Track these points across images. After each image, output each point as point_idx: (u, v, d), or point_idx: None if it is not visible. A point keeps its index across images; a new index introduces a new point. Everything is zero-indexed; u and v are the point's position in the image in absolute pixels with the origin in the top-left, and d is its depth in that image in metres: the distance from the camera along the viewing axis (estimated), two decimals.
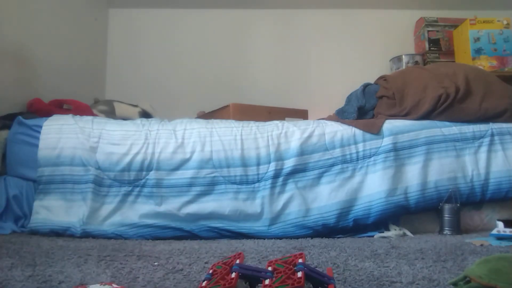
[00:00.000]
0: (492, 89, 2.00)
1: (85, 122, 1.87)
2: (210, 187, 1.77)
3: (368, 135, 1.87)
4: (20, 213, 1.76)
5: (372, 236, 1.71)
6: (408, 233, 1.74)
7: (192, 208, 1.74)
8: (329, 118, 2.07)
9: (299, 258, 0.79)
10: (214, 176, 1.78)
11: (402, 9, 3.43)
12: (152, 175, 1.77)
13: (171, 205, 1.74)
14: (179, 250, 1.35)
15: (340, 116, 2.13)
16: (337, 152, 1.84)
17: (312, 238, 1.67)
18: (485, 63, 2.84)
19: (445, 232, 1.74)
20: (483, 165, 1.86)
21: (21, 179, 1.81)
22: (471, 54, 2.87)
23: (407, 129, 1.89)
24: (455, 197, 1.77)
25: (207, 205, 1.75)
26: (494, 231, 1.56)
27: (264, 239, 1.66)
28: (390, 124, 1.91)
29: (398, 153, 1.84)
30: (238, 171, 1.79)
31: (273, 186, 1.79)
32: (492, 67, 2.83)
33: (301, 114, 2.58)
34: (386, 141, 1.85)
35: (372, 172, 1.82)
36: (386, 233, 1.72)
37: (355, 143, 1.85)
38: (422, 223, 1.84)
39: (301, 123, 1.93)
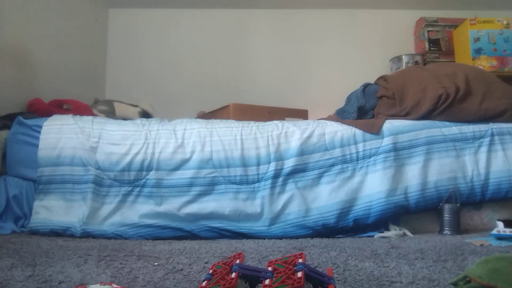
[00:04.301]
0: (492, 89, 2.00)
1: (85, 122, 1.87)
2: (210, 187, 1.77)
3: (368, 135, 1.87)
4: (20, 213, 1.76)
5: (372, 236, 1.71)
6: (408, 233, 1.74)
7: (192, 208, 1.74)
8: (329, 118, 2.07)
9: (299, 258, 0.79)
10: (214, 176, 1.78)
11: (402, 9, 3.43)
12: (152, 175, 1.77)
13: (171, 205, 1.74)
14: (179, 250, 1.35)
15: (340, 116, 2.13)
16: (337, 152, 1.84)
17: (312, 238, 1.67)
18: (485, 63, 2.84)
19: (445, 232, 1.74)
20: (483, 165, 1.86)
21: (21, 179, 1.81)
22: (471, 54, 2.87)
23: (407, 129, 1.89)
24: (455, 197, 1.78)
25: (207, 205, 1.75)
26: (494, 231, 1.56)
27: (264, 239, 1.66)
28: (390, 124, 1.91)
29: (398, 153, 1.84)
30: (238, 171, 1.79)
31: (273, 186, 1.79)
32: (492, 67, 2.83)
33: (301, 114, 2.58)
34: (386, 141, 1.85)
35: (372, 172, 1.82)
36: (386, 233, 1.72)
37: (355, 143, 1.86)
38: (422, 223, 1.84)
39: (301, 123, 1.93)
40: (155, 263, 1.14)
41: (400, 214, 1.81)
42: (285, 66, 3.40)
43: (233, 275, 0.75)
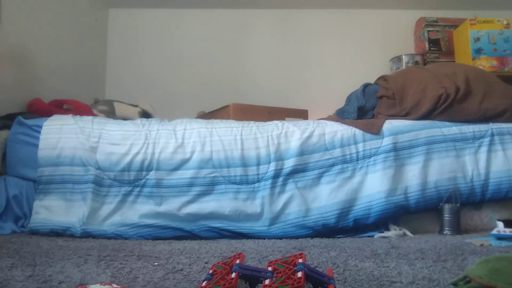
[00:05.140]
0: (492, 89, 2.00)
1: (85, 122, 1.87)
2: (210, 187, 1.77)
3: (368, 135, 1.87)
4: (20, 213, 1.76)
5: (372, 236, 1.71)
6: (408, 233, 1.74)
7: (192, 208, 1.74)
8: (329, 118, 2.07)
9: (299, 258, 0.79)
10: (214, 176, 1.78)
11: (402, 9, 3.43)
12: (152, 175, 1.77)
13: (171, 205, 1.74)
14: (179, 250, 1.35)
15: (340, 116, 2.13)
16: (337, 152, 1.84)
17: (312, 238, 1.67)
18: (485, 63, 2.84)
19: (445, 232, 1.74)
20: (483, 165, 1.86)
21: (21, 179, 1.81)
22: (471, 54, 2.87)
23: (407, 129, 1.89)
24: (455, 197, 1.78)
25: (207, 205, 1.75)
26: (494, 231, 1.56)
27: (264, 239, 1.66)
28: (390, 124, 1.91)
29: (398, 153, 1.84)
30: (238, 171, 1.79)
31: (273, 186, 1.79)
32: (492, 67, 2.83)
33: (301, 114, 2.58)
34: (386, 141, 1.85)
35: (372, 172, 1.82)
36: (386, 233, 1.72)
37: (355, 143, 1.86)
38: (422, 223, 1.84)
39: (301, 123, 1.93)
40: (155, 263, 1.14)
41: (400, 214, 1.81)
42: (285, 66, 3.40)
43: (233, 275, 0.75)
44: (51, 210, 1.72)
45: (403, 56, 3.20)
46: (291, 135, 1.86)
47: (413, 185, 1.80)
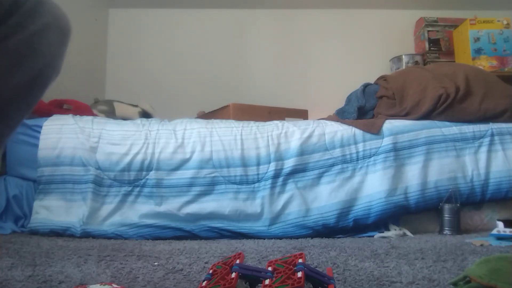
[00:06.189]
0: (492, 89, 2.00)
1: (85, 122, 1.88)
2: (210, 187, 1.77)
3: (368, 135, 1.87)
4: (20, 213, 1.76)
5: (372, 236, 1.72)
6: (408, 233, 1.74)
7: (192, 208, 1.74)
8: (329, 118, 2.07)
9: (299, 258, 0.79)
10: (214, 176, 1.78)
11: (402, 9, 3.43)
12: (152, 175, 1.77)
13: (171, 205, 1.74)
14: (179, 250, 1.35)
15: (340, 116, 2.13)
16: (337, 152, 1.84)
17: (312, 238, 1.67)
18: (485, 63, 2.84)
19: (445, 232, 1.74)
20: (483, 165, 1.86)
21: (21, 179, 1.81)
22: (471, 54, 2.87)
23: (407, 129, 1.89)
24: (455, 197, 1.78)
25: (207, 205, 1.75)
26: (494, 231, 1.56)
27: (264, 239, 1.66)
28: (390, 124, 1.91)
29: (398, 153, 1.84)
30: (238, 171, 1.80)
31: (273, 186, 1.79)
32: (492, 67, 2.83)
33: (301, 114, 2.58)
34: (386, 141, 1.85)
35: (372, 172, 1.82)
36: (386, 233, 1.72)
37: (355, 143, 1.86)
38: (422, 223, 1.84)
39: (301, 123, 1.93)
40: (155, 263, 1.14)
41: (400, 214, 1.81)
42: (285, 66, 3.40)
43: (233, 275, 0.75)
44: (51, 210, 1.72)
45: (403, 56, 3.19)
46: (291, 135, 1.86)
47: (413, 185, 1.80)
